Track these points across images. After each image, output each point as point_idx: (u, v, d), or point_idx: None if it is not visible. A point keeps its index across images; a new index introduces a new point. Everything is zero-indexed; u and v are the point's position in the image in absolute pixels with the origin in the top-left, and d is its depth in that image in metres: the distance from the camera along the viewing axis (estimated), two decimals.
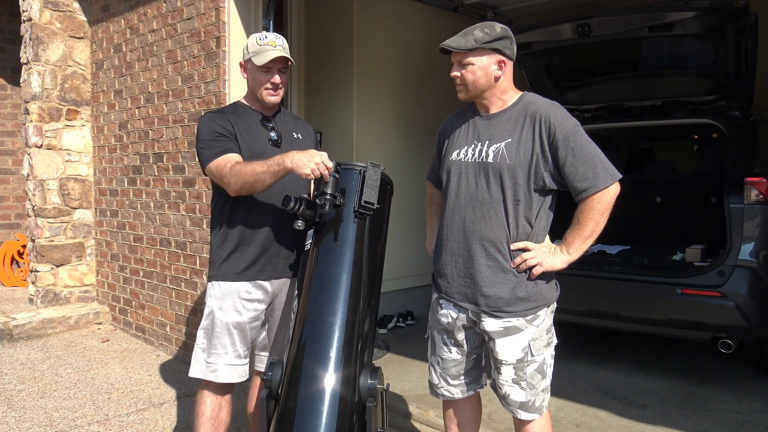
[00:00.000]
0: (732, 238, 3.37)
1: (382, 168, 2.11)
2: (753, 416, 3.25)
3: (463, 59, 2.03)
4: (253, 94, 2.41)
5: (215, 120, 2.30)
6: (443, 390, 2.28)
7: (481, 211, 2.06)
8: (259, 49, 2.31)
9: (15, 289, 6.14)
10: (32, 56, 5.00)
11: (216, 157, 2.24)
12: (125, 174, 4.87)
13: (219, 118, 2.32)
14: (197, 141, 2.32)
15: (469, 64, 2.03)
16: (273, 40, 2.34)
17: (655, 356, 4.25)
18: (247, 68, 2.38)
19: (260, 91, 2.35)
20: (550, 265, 2.03)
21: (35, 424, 3.20)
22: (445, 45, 2.04)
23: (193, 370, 2.39)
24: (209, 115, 2.36)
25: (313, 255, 2.10)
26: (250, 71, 2.37)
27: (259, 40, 2.33)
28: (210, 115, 2.36)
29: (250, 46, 2.34)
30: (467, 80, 2.05)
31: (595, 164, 1.95)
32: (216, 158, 2.24)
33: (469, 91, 2.07)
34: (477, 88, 2.05)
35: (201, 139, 2.29)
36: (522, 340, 2.06)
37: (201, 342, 2.39)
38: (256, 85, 2.35)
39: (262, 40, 2.33)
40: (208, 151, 2.27)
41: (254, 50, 2.31)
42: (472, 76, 2.03)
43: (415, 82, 5.40)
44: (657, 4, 3.55)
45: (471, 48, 2.00)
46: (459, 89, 2.09)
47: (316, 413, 1.85)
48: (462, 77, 2.05)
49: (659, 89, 4.21)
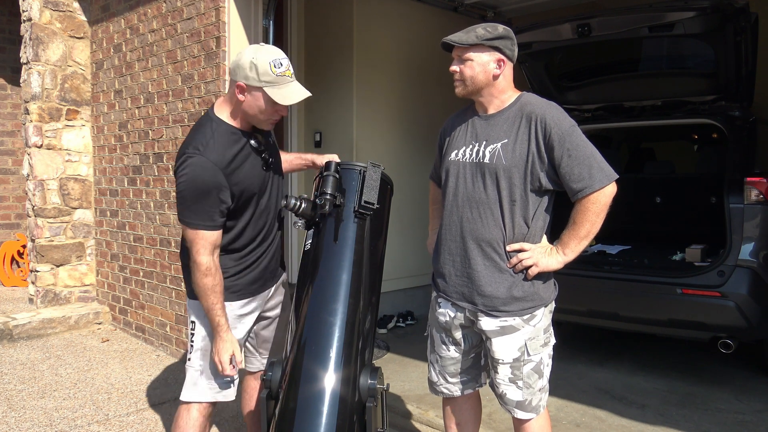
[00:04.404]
0: (732, 238, 3.37)
1: (382, 168, 2.12)
2: (753, 416, 3.25)
3: (463, 54, 2.05)
4: (245, 115, 2.09)
5: (207, 178, 1.98)
6: (442, 387, 2.29)
7: (477, 211, 2.06)
8: (275, 80, 2.00)
9: (15, 289, 6.14)
10: (32, 56, 5.00)
11: (198, 227, 2.01)
12: (125, 174, 4.87)
13: (210, 173, 1.98)
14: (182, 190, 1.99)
15: (469, 59, 2.04)
16: (287, 66, 2.04)
17: (655, 356, 4.24)
18: (251, 93, 2.03)
19: (262, 121, 2.10)
20: (545, 265, 2.03)
21: (35, 424, 3.20)
22: (446, 40, 2.05)
23: (193, 395, 2.21)
24: (199, 162, 1.98)
25: (313, 255, 2.11)
26: (256, 99, 2.03)
27: (274, 66, 2.00)
28: (200, 162, 1.98)
29: (261, 72, 1.99)
30: (466, 75, 2.06)
31: (590, 164, 1.95)
32: (197, 229, 2.01)
33: (467, 86, 2.07)
34: (475, 84, 2.06)
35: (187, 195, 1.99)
36: (518, 339, 2.06)
37: (198, 365, 2.20)
38: (260, 116, 2.07)
39: (278, 67, 2.01)
40: (189, 213, 2.01)
41: (270, 80, 2.00)
42: (471, 71, 2.04)
43: (415, 82, 5.40)
44: (657, 4, 3.55)
45: (472, 43, 2.01)
46: (457, 84, 2.10)
47: (316, 413, 1.85)
48: (461, 72, 2.06)
49: (659, 89, 4.20)
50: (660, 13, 3.46)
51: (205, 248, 2.03)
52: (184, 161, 2.00)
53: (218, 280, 2.08)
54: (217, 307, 2.08)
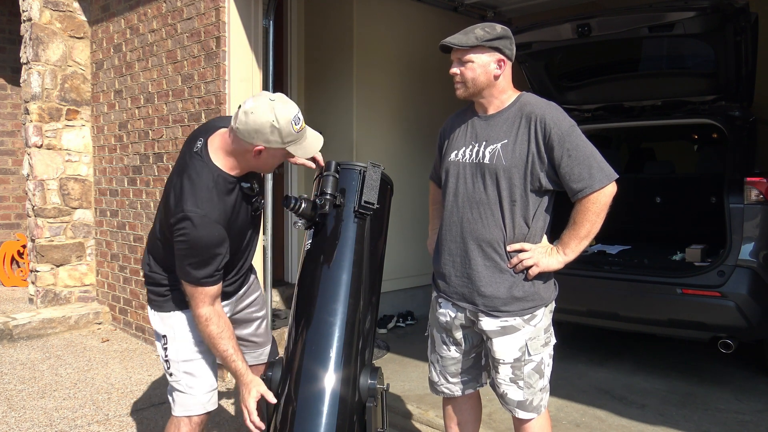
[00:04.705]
0: (732, 238, 3.37)
1: (382, 168, 2.12)
2: (753, 416, 3.25)
3: (464, 56, 2.04)
4: (252, 167, 2.02)
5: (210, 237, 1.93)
6: (443, 387, 2.29)
7: (478, 211, 2.06)
8: (297, 138, 1.94)
9: (15, 289, 6.14)
10: (32, 56, 5.00)
11: (199, 284, 1.96)
12: (125, 174, 4.87)
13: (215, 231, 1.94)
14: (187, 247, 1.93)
15: (469, 61, 2.03)
16: (301, 118, 1.97)
17: (655, 356, 4.24)
18: (269, 152, 1.94)
19: (270, 168, 2.06)
20: (546, 265, 2.03)
21: (35, 424, 3.20)
22: (446, 42, 2.04)
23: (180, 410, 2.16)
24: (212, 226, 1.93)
25: (313, 255, 2.10)
26: (274, 155, 1.97)
27: (294, 125, 1.91)
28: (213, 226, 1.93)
29: (285, 134, 1.89)
30: (467, 77, 2.05)
31: (590, 164, 1.96)
32: (198, 286, 1.96)
33: (468, 88, 2.07)
34: (476, 85, 2.05)
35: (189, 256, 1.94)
36: (519, 339, 2.06)
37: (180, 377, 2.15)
38: (269, 166, 2.03)
39: (297, 124, 1.92)
40: (192, 271, 1.95)
41: (292, 138, 1.92)
42: (472, 73, 2.04)
43: (415, 81, 5.40)
44: (657, 4, 3.55)
45: (472, 45, 2.01)
46: (458, 86, 2.09)
47: (317, 413, 1.85)
48: (462, 74, 2.05)
49: (659, 89, 4.20)
50: (660, 13, 3.46)
51: (205, 301, 1.99)
52: (183, 219, 1.90)
53: (223, 326, 2.02)
54: (229, 353, 2.01)
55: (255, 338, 2.42)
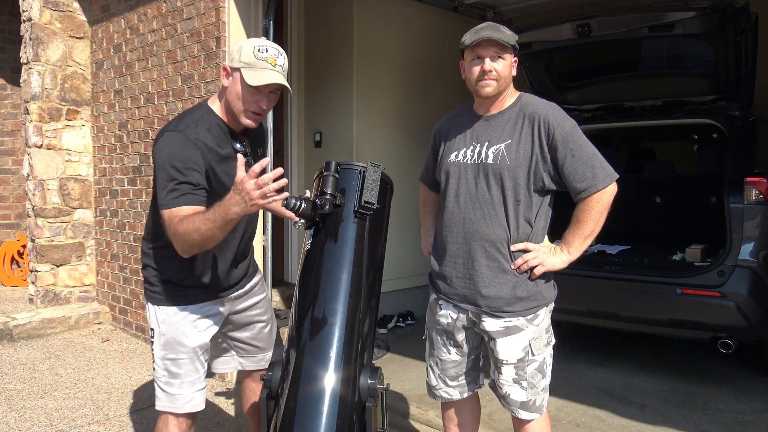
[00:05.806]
0: (732, 238, 3.37)
1: (382, 168, 2.11)
2: (753, 416, 3.25)
3: (503, 53, 2.02)
4: (229, 106, 2.04)
5: (182, 153, 1.91)
6: (442, 391, 2.29)
7: (481, 212, 2.06)
8: (254, 63, 1.96)
9: (15, 289, 6.14)
10: (32, 56, 5.00)
11: (171, 205, 1.89)
12: (125, 174, 4.87)
13: (188, 149, 1.92)
14: (157, 167, 1.91)
15: (503, 58, 2.03)
16: (274, 56, 1.99)
17: (655, 356, 4.25)
18: (232, 75, 2.01)
19: (240, 111, 2.02)
20: (551, 265, 2.04)
21: (35, 424, 3.20)
22: (493, 37, 1.98)
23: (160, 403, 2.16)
24: (177, 138, 1.93)
25: (313, 255, 2.10)
26: (235, 81, 2.00)
27: (257, 50, 1.97)
28: (178, 138, 1.93)
29: (243, 54, 1.97)
30: (502, 74, 2.03)
31: (593, 164, 1.97)
32: (171, 207, 1.89)
33: (500, 86, 2.04)
34: (506, 83, 2.06)
35: (160, 173, 1.90)
36: (523, 339, 2.06)
37: (160, 373, 2.13)
38: (238, 102, 2.01)
39: (261, 52, 1.97)
40: (164, 192, 1.90)
41: (248, 61, 1.96)
42: (506, 70, 2.04)
43: (415, 81, 5.40)
44: (657, 4, 3.55)
45: (512, 43, 2.01)
46: (488, 84, 2.03)
47: (316, 413, 1.85)
48: (498, 71, 2.02)
49: (659, 89, 4.21)
50: (660, 13, 3.47)
51: (173, 223, 1.88)
52: (160, 136, 1.96)
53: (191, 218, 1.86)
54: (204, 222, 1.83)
55: (255, 342, 2.39)
